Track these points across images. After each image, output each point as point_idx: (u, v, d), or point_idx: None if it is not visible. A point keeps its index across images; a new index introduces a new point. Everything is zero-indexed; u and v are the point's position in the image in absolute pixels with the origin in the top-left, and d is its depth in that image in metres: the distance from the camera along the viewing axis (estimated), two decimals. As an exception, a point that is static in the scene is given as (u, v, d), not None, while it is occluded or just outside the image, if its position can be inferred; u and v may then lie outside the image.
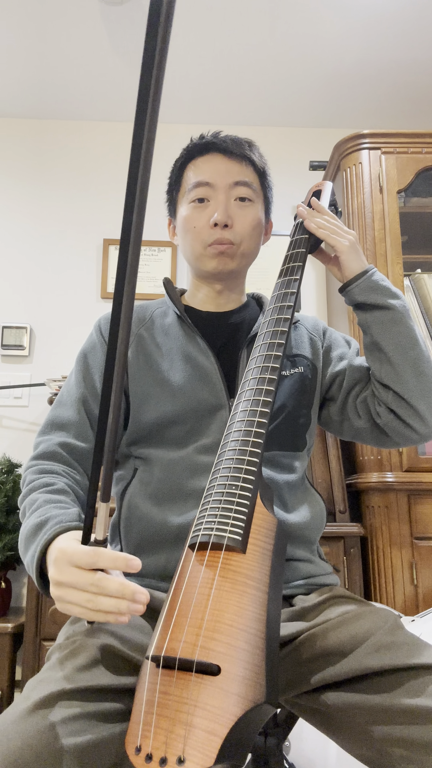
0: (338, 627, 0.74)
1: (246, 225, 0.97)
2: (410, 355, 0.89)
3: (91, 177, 2.70)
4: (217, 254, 0.96)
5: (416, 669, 0.66)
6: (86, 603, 0.59)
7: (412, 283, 2.16)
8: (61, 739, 0.56)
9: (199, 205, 0.97)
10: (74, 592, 0.60)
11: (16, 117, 2.74)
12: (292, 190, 2.66)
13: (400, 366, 0.89)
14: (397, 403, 0.90)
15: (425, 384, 0.89)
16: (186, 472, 0.88)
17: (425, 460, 1.91)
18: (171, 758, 0.53)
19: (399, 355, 0.89)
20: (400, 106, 2.67)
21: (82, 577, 0.60)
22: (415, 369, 0.89)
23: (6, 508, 2.11)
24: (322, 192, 1.00)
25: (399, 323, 0.89)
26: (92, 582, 0.59)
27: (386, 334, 0.89)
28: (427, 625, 1.37)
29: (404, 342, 0.89)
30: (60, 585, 0.62)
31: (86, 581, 0.59)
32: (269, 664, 0.58)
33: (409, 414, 0.90)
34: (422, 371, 0.89)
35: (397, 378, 0.89)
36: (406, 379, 0.88)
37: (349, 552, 1.86)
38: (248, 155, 0.99)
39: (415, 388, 0.89)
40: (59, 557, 0.63)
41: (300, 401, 0.95)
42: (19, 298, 2.57)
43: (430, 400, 0.90)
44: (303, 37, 2.29)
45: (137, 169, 0.46)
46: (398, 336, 0.89)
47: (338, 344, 1.04)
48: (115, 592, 0.59)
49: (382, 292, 0.90)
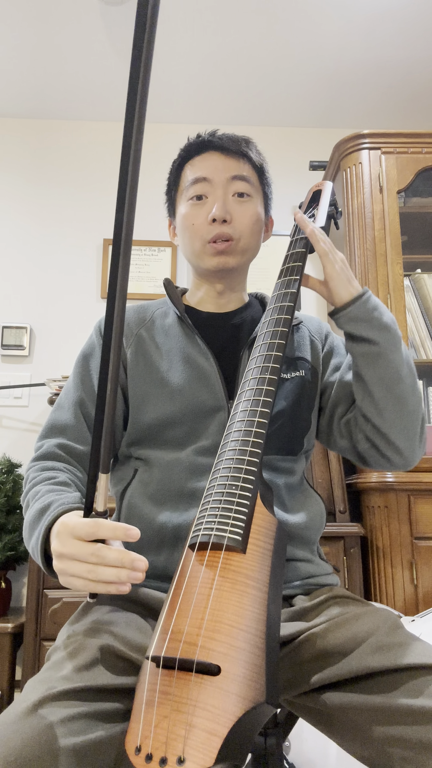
0: (338, 627, 0.74)
1: (245, 220, 0.96)
2: (394, 391, 0.86)
3: (91, 177, 2.70)
4: (217, 252, 0.96)
5: (416, 669, 0.66)
6: (87, 574, 0.61)
7: (412, 283, 2.16)
8: (61, 739, 0.56)
9: (198, 202, 0.97)
10: (75, 564, 0.62)
11: (16, 117, 2.74)
12: (292, 190, 2.66)
13: (381, 401, 0.86)
14: (374, 435, 0.89)
15: (406, 420, 0.87)
16: (185, 473, 0.88)
17: (425, 460, 1.91)
18: (171, 758, 0.53)
19: (381, 390, 0.86)
20: (400, 106, 2.67)
21: (83, 548, 0.61)
22: (397, 405, 0.86)
23: (6, 508, 2.11)
24: (322, 192, 1.00)
25: (383, 357, 0.86)
26: (92, 552, 0.60)
27: (369, 368, 0.86)
28: (427, 625, 1.37)
29: (387, 378, 0.86)
30: (62, 557, 0.63)
31: (86, 552, 0.61)
32: (269, 664, 0.58)
33: (386, 447, 0.89)
34: (404, 407, 0.87)
35: (377, 412, 0.87)
36: (386, 414, 0.87)
37: (349, 552, 1.86)
38: (245, 152, 0.99)
39: (395, 424, 0.87)
40: (61, 530, 0.64)
41: (300, 405, 0.95)
42: (19, 298, 2.57)
43: (409, 434, 0.88)
44: (303, 37, 2.29)
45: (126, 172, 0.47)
46: (381, 371, 0.86)
47: (338, 352, 1.03)
48: (115, 561, 0.60)
49: (369, 324, 0.86)
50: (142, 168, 2.73)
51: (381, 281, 2.06)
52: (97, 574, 0.60)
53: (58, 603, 1.81)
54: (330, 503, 1.98)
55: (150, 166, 2.72)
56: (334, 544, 1.86)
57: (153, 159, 2.73)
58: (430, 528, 1.85)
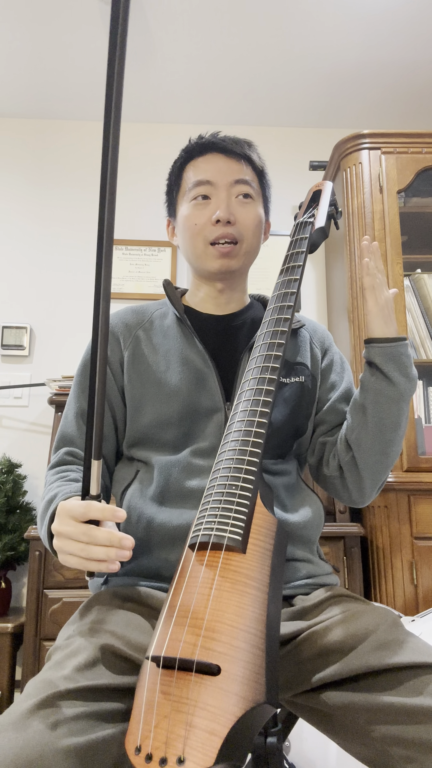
0: (338, 625, 0.74)
1: (248, 222, 0.97)
2: (387, 435, 0.90)
3: (92, 177, 2.70)
4: (221, 255, 0.96)
5: (416, 668, 0.66)
6: (80, 552, 0.67)
7: (412, 283, 2.16)
8: (62, 739, 0.56)
9: (201, 203, 0.97)
10: (70, 543, 0.68)
11: (16, 117, 2.74)
12: (292, 190, 2.66)
13: (372, 439, 0.90)
14: (350, 467, 0.92)
15: (383, 465, 0.91)
16: (183, 474, 0.88)
17: (425, 460, 1.91)
18: (171, 758, 0.53)
19: (377, 431, 0.89)
20: (400, 106, 2.67)
21: (76, 527, 0.67)
22: (383, 449, 0.90)
23: (6, 508, 2.11)
24: (322, 192, 1.00)
25: (394, 402, 0.89)
26: (83, 531, 0.67)
27: (377, 407, 0.89)
28: (427, 625, 1.37)
29: (388, 421, 0.89)
30: (59, 535, 0.69)
31: (79, 531, 0.67)
32: (269, 664, 0.58)
33: (354, 481, 0.93)
34: (387, 453, 0.91)
35: (363, 448, 0.90)
36: (370, 452, 0.90)
37: (349, 552, 1.86)
38: (247, 154, 1.00)
39: (373, 465, 0.91)
40: (60, 511, 0.71)
41: (297, 412, 0.95)
42: (19, 298, 2.57)
43: (377, 478, 0.93)
44: (303, 37, 2.29)
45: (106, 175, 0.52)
46: (386, 413, 0.89)
47: (335, 369, 1.03)
48: (104, 541, 0.66)
49: (399, 367, 0.89)
50: (142, 168, 2.73)
51: (381, 281, 2.06)
52: (89, 553, 0.66)
53: (58, 603, 1.81)
54: (330, 503, 1.98)
55: (150, 166, 2.72)
56: (334, 544, 1.86)
57: (153, 159, 2.73)
58: (430, 528, 1.85)
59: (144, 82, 2.52)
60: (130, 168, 2.72)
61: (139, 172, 2.72)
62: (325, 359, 1.03)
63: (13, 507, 2.15)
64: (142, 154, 2.74)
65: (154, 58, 2.40)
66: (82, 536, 0.67)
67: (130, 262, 2.62)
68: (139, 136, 2.76)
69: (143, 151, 2.74)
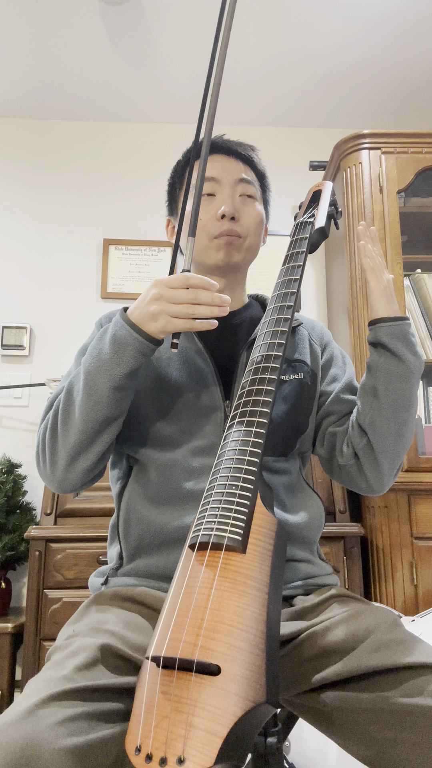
0: (338, 625, 0.74)
1: (252, 219, 0.99)
2: (401, 415, 0.89)
3: (91, 177, 2.70)
4: (225, 245, 0.97)
5: (417, 668, 0.66)
6: (187, 309, 0.76)
7: (412, 283, 2.16)
8: (62, 739, 0.56)
9: (206, 199, 0.99)
10: (173, 305, 0.77)
11: (16, 117, 2.74)
12: (292, 190, 2.66)
13: (387, 421, 0.89)
14: (365, 452, 0.91)
15: (399, 446, 0.91)
16: (182, 474, 0.88)
17: (425, 460, 1.91)
18: (171, 758, 0.53)
19: (391, 411, 0.89)
20: (400, 106, 2.67)
21: (181, 291, 0.77)
22: (398, 430, 0.89)
23: (6, 508, 2.11)
24: (322, 192, 1.00)
25: (405, 381, 0.89)
26: (190, 293, 0.76)
27: (389, 387, 0.89)
28: (427, 625, 1.37)
29: (401, 401, 0.89)
30: (160, 299, 0.77)
31: (185, 293, 0.76)
32: (269, 664, 0.58)
33: (371, 467, 0.92)
34: (403, 434, 0.90)
35: (378, 431, 0.89)
36: (386, 434, 0.89)
37: (349, 552, 1.86)
38: (250, 156, 1.03)
39: (390, 447, 0.90)
40: (157, 283, 0.78)
41: (297, 409, 0.95)
42: (19, 298, 2.57)
43: (395, 462, 0.92)
44: (303, 37, 2.29)
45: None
46: (399, 393, 0.89)
47: (336, 363, 1.03)
48: (207, 298, 0.77)
49: (407, 345, 0.90)
50: (142, 168, 2.73)
51: (381, 281, 2.06)
52: (195, 309, 0.76)
53: (58, 603, 1.81)
54: (330, 503, 1.98)
55: (150, 165, 2.72)
56: (334, 544, 1.86)
57: (153, 159, 2.73)
58: (430, 528, 1.85)
59: (144, 82, 2.52)
60: (129, 168, 2.72)
61: (139, 172, 2.72)
62: (324, 354, 1.03)
63: (13, 507, 2.15)
64: (142, 154, 2.74)
65: (154, 58, 2.40)
66: (187, 296, 0.76)
67: (130, 262, 2.62)
68: (139, 136, 2.76)
69: (143, 151, 2.74)
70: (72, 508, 1.97)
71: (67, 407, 0.84)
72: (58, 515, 1.97)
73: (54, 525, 1.94)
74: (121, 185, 2.70)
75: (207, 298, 0.76)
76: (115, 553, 0.90)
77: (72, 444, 0.83)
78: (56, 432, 0.84)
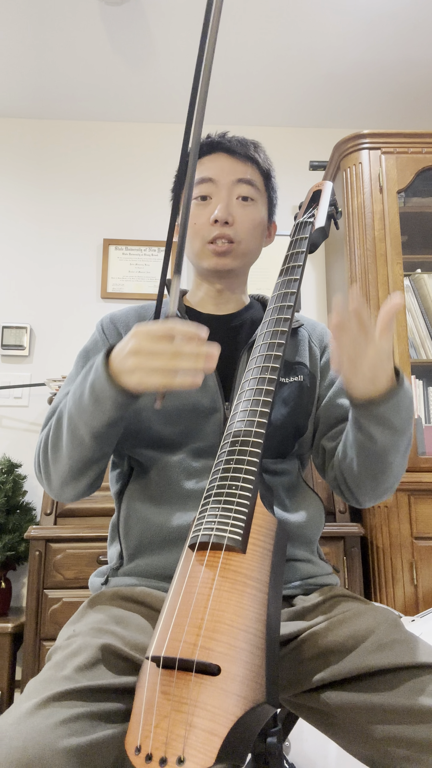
0: (338, 625, 0.74)
1: (246, 223, 0.97)
2: (377, 477, 0.86)
3: (91, 177, 2.70)
4: (215, 254, 0.96)
5: (417, 668, 0.66)
6: (167, 364, 0.66)
7: (412, 283, 2.16)
8: (62, 739, 0.56)
9: (201, 203, 0.97)
10: (153, 359, 0.67)
11: (16, 117, 2.74)
12: (292, 190, 2.65)
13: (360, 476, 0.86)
14: (344, 485, 0.92)
15: (378, 491, 0.89)
16: (183, 474, 0.88)
17: (425, 460, 1.91)
18: (171, 758, 0.53)
19: (364, 472, 0.86)
20: (400, 106, 2.67)
21: (161, 345, 0.67)
22: (374, 483, 0.87)
23: (6, 508, 2.11)
24: (322, 192, 1.00)
25: (376, 456, 0.83)
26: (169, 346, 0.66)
27: (360, 455, 0.84)
28: (427, 625, 1.37)
29: (373, 468, 0.85)
30: (139, 353, 0.68)
31: (166, 347, 0.66)
32: (269, 664, 0.58)
33: (349, 496, 0.93)
34: (380, 485, 0.87)
35: (353, 480, 0.88)
36: (361, 486, 0.88)
37: (349, 552, 1.86)
38: (253, 155, 1.00)
39: (367, 492, 0.89)
40: (136, 333, 0.69)
41: (296, 411, 0.95)
42: (19, 298, 2.57)
43: (376, 498, 0.91)
44: (303, 37, 2.29)
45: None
46: (371, 463, 0.84)
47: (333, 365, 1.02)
48: (191, 352, 0.66)
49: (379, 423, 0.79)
50: (142, 168, 2.73)
51: (381, 281, 2.06)
52: (177, 365, 0.66)
53: (58, 603, 1.81)
54: (330, 503, 1.98)
55: (149, 166, 2.72)
56: (334, 544, 1.86)
57: (153, 159, 2.72)
58: (430, 528, 1.85)
59: (144, 81, 2.52)
60: (129, 168, 2.72)
61: (139, 172, 2.71)
62: (324, 356, 1.03)
63: (13, 507, 2.15)
64: (142, 154, 2.73)
65: (154, 58, 2.40)
66: (168, 350, 0.66)
67: (130, 262, 2.62)
68: (139, 136, 2.76)
69: (143, 151, 2.74)
70: (72, 508, 1.97)
71: (56, 439, 0.83)
72: (58, 515, 1.97)
73: (54, 525, 1.94)
74: (120, 185, 2.69)
75: (191, 352, 0.66)
76: (115, 553, 0.89)
77: (63, 472, 0.84)
78: (48, 456, 0.85)
